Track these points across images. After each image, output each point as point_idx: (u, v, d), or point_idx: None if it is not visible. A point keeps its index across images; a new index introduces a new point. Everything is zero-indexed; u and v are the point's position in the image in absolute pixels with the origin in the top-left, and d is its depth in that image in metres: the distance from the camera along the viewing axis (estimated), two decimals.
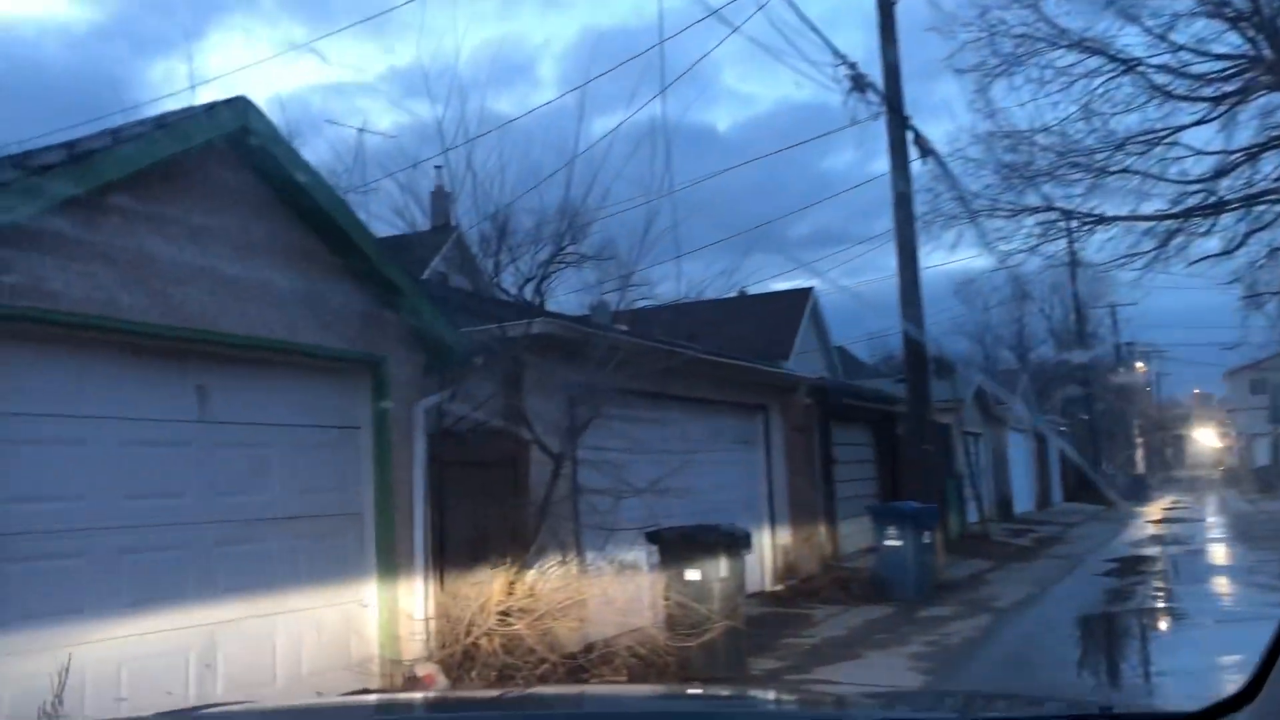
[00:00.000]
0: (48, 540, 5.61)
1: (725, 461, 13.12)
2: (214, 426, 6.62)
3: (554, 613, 7.41)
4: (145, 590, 6.05)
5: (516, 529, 8.33)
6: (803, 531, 14.56)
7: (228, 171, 6.68)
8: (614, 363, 8.66)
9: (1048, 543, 21.83)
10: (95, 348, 5.94)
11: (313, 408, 7.38)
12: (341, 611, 7.35)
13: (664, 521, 9.36)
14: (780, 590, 13.35)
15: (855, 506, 17.00)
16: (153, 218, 6.14)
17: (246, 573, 6.70)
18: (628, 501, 9.05)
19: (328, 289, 7.34)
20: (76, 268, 5.70)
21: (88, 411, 5.90)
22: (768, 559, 13.68)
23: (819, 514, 15.28)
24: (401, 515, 7.79)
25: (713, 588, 8.40)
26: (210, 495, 6.56)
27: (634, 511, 9.32)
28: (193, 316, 6.34)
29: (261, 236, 6.88)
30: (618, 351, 8.76)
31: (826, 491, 15.57)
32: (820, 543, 15.11)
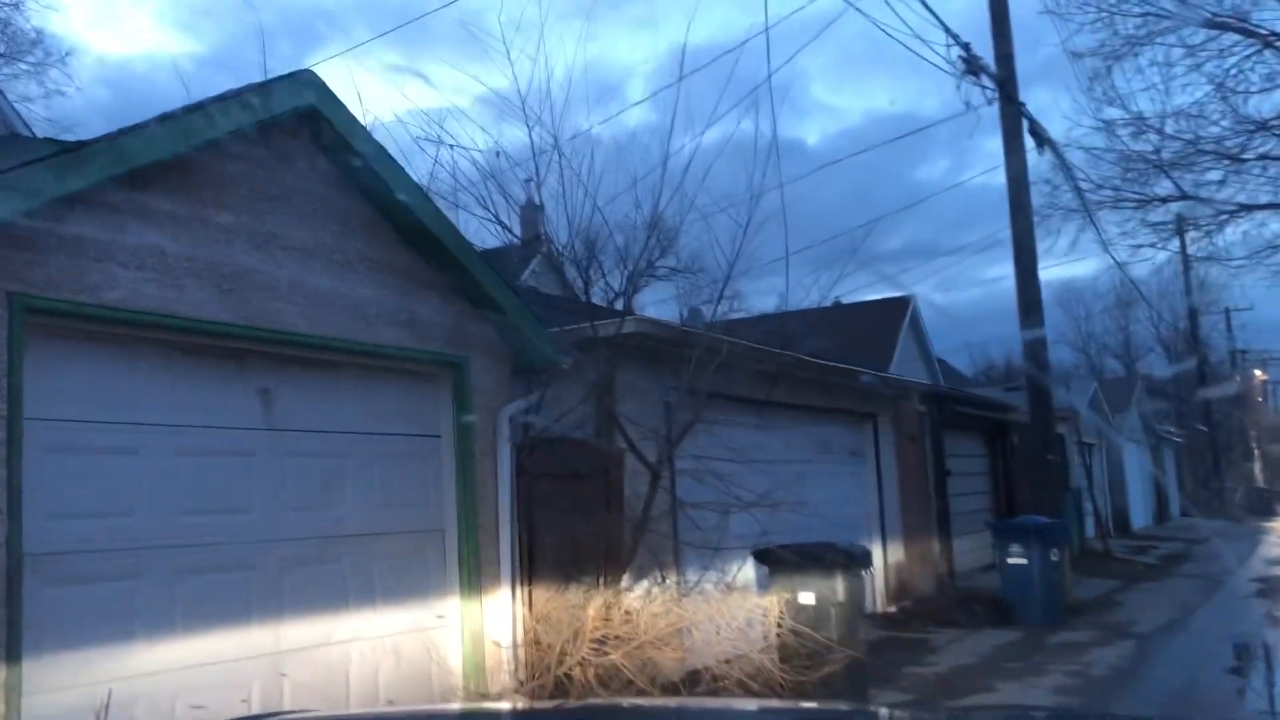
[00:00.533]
0: (94, 560, 5.04)
1: (832, 473, 12.24)
2: (281, 435, 6.02)
3: (655, 641, 6.64)
4: (204, 616, 5.45)
5: (611, 547, 7.60)
6: (916, 548, 13.57)
7: (292, 153, 6.09)
8: (714, 365, 7.89)
9: (1175, 560, 20.37)
10: (146, 347, 5.37)
11: (389, 414, 6.75)
12: (421, 638, 6.69)
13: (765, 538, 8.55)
14: (894, 612, 12.40)
15: (970, 522, 15.95)
16: (207, 203, 5.56)
17: (317, 596, 6.08)
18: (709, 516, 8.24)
19: (403, 283, 6.71)
20: (122, 257, 5.14)
21: (139, 418, 5.33)
22: (879, 578, 12.72)
23: (932, 529, 14.27)
24: (486, 532, 7.12)
25: (829, 612, 7.56)
26: (277, 510, 5.95)
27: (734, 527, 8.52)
28: (254, 312, 5.75)
29: (330, 226, 6.27)
30: (718, 353, 7.98)
31: (940, 505, 14.54)
32: (934, 560, 14.09)
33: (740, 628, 6.94)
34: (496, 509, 7.20)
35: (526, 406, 7.56)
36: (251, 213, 5.80)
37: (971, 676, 8.82)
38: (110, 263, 5.08)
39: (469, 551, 6.98)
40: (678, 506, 8.11)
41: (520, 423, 7.57)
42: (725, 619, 6.81)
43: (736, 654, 7.05)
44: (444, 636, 6.86)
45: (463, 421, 7.07)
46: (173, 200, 5.38)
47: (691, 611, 6.83)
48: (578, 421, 8.12)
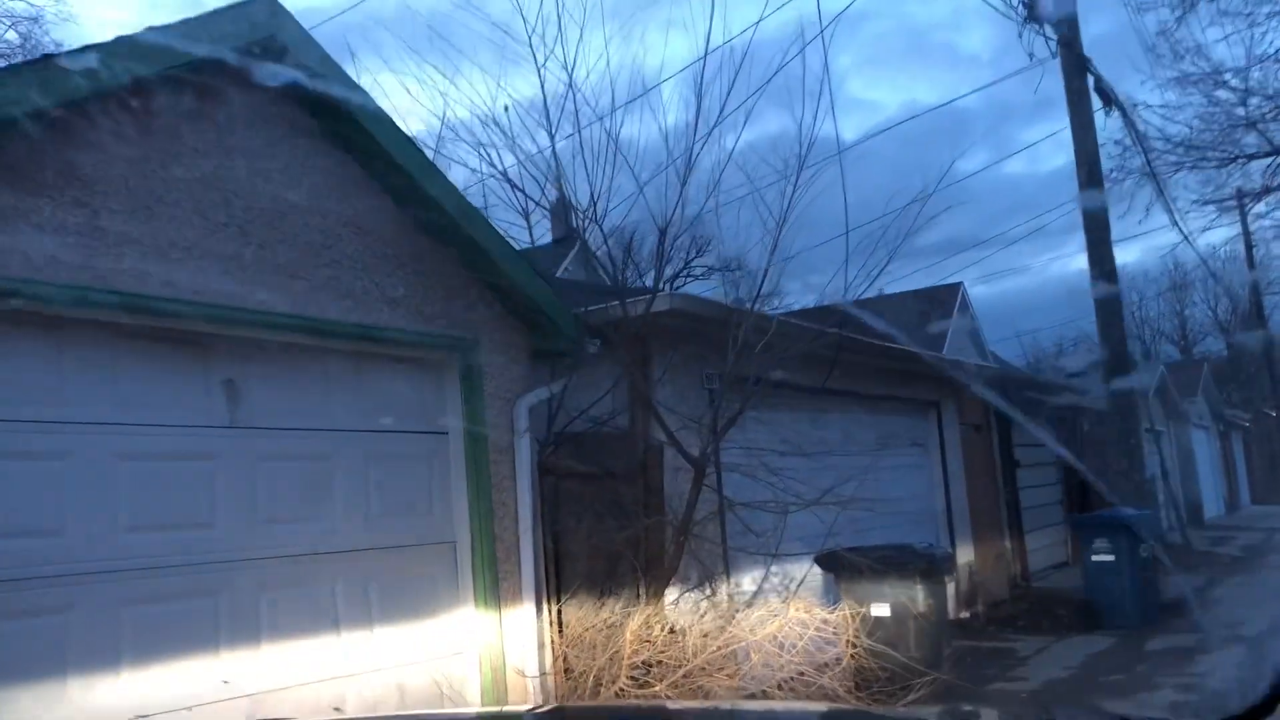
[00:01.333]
0: (12, 592, 4.06)
1: (893, 467, 11.10)
2: (251, 434, 5.03)
3: (705, 666, 5.58)
4: (156, 654, 4.46)
5: (651, 555, 6.55)
6: (986, 547, 12.40)
7: (260, 97, 5.10)
8: (761, 346, 6.81)
9: (1260, 552, 18.98)
10: (75, 330, 4.39)
11: (384, 408, 5.75)
12: (430, 671, 5.67)
13: (822, 541, 7.49)
14: (966, 618, 11.23)
15: (1039, 516, 14.75)
16: (153, 151, 4.59)
17: (300, 626, 5.08)
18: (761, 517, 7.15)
19: (397, 253, 5.72)
20: (38, 215, 4.17)
21: (68, 416, 4.35)
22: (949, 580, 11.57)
23: (1002, 525, 13.09)
24: (505, 543, 6.10)
25: (908, 626, 6.49)
26: (248, 524, 4.96)
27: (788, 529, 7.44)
28: (213, 287, 4.76)
29: (306, 184, 5.28)
30: (765, 332, 6.89)
31: (1010, 499, 13.36)
32: (1007, 559, 12.91)
33: (805, 648, 5.86)
34: (516, 515, 6.18)
35: (548, 396, 6.54)
36: (209, 165, 4.82)
37: (1070, 693, 7.67)
38: (21, 222, 4.11)
39: (485, 566, 5.96)
40: (726, 506, 7.04)
41: (542, 414, 6.55)
42: (787, 638, 5.74)
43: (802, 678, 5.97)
44: (458, 668, 5.84)
45: (473, 412, 6.06)
46: (104, 147, 4.41)
47: (748, 630, 5.76)
48: (608, 412, 7.08)
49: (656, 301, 6.66)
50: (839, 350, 7.86)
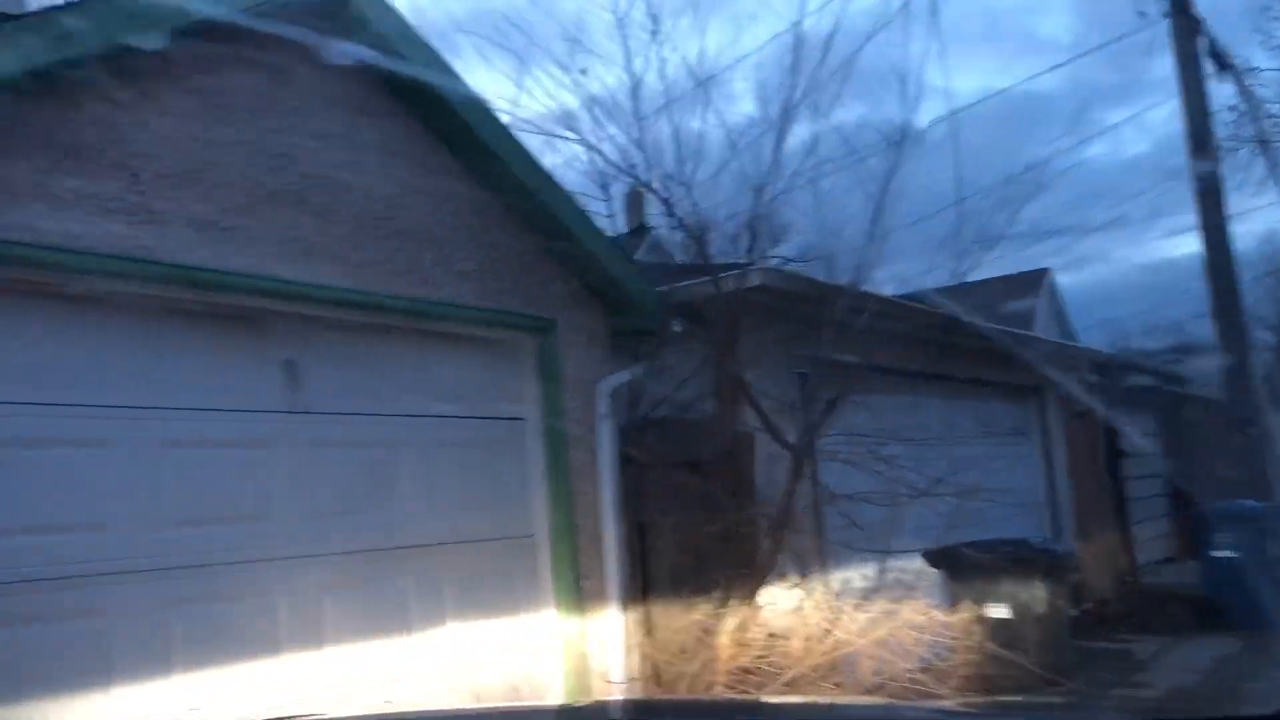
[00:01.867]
0: (48, 591, 3.68)
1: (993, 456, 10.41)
2: (311, 419, 4.61)
3: (809, 674, 5.05)
4: (204, 660, 4.06)
5: (744, 551, 6.02)
6: (1092, 541, 11.61)
7: (319, 52, 4.67)
8: (859, 327, 6.23)
9: None
10: (119, 307, 4.00)
11: (456, 392, 5.31)
12: (507, 675, 5.21)
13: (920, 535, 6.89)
14: (1075, 616, 10.48)
15: (1146, 508, 13.90)
16: (200, 109, 4.19)
17: (365, 628, 4.66)
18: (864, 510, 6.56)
19: (470, 225, 5.27)
20: (74, 180, 3.78)
21: (111, 399, 3.97)
22: None
23: (1108, 518, 12.28)
24: (587, 537, 5.63)
25: (1029, 629, 5.87)
26: (308, 517, 4.54)
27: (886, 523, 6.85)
28: (269, 259, 4.35)
29: (370, 149, 4.86)
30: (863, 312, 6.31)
31: (1115, 491, 12.55)
32: (1114, 554, 12.11)
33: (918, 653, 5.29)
34: (598, 507, 5.70)
35: (630, 379, 6.05)
36: (260, 128, 4.41)
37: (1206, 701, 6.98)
38: (55, 187, 3.72)
39: (565, 562, 5.50)
40: (824, 498, 6.48)
41: (623, 399, 6.06)
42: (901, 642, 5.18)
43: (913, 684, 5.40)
44: (539, 672, 5.39)
45: (552, 399, 5.60)
46: (146, 107, 4.01)
47: (856, 633, 5.21)
48: (693, 397, 6.56)
49: (748, 277, 6.12)
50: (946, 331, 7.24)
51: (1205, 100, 12.23)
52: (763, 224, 6.14)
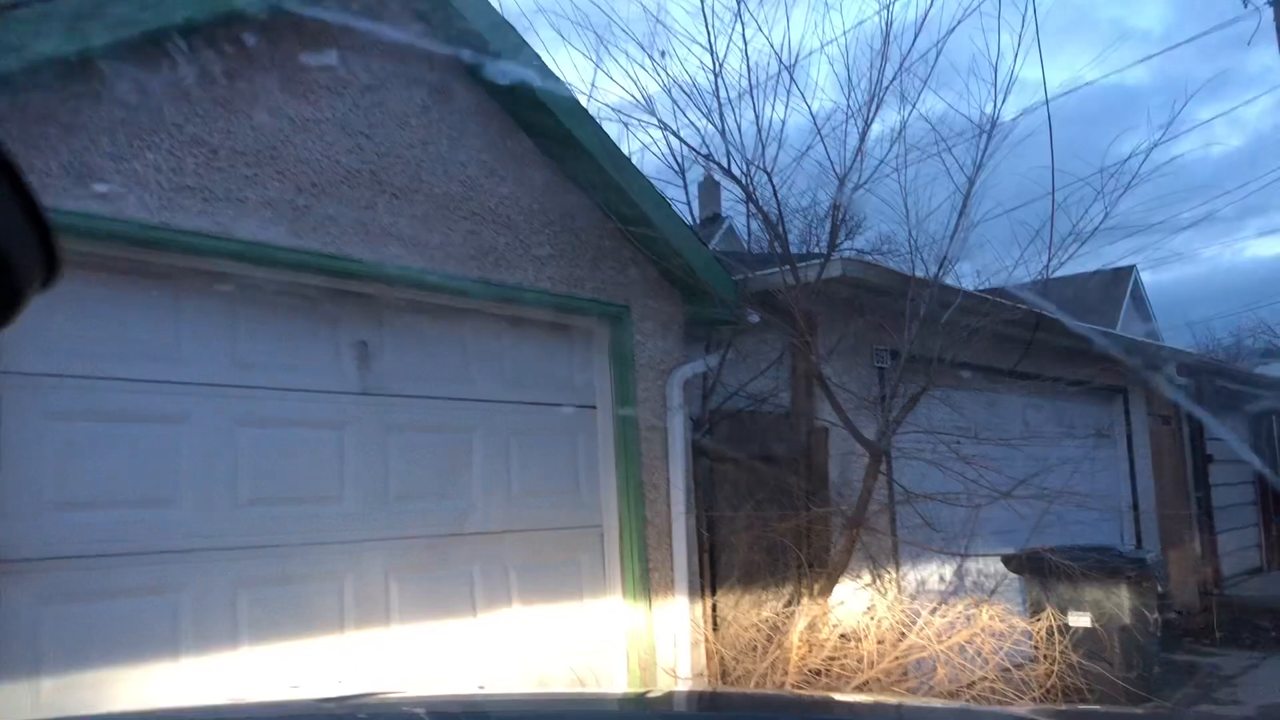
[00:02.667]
0: (117, 567, 3.68)
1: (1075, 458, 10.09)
2: (383, 401, 4.57)
3: (881, 678, 4.89)
4: (274, 641, 4.05)
5: (816, 549, 5.88)
6: (1175, 549, 11.24)
7: (395, 30, 4.63)
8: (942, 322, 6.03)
9: None
10: (195, 282, 3.99)
11: (527, 378, 5.24)
12: (572, 666, 5.14)
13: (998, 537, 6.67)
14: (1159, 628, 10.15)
15: (1232, 517, 13.42)
16: (277, 86, 4.16)
17: (432, 613, 4.62)
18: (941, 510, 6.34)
19: (543, 208, 5.19)
20: (153, 155, 3.77)
21: (186, 376, 3.96)
22: None
23: (1192, 526, 11.87)
24: (656, 529, 5.53)
25: (1112, 638, 5.64)
26: (379, 500, 4.51)
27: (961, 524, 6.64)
28: (345, 240, 4.31)
29: (445, 129, 4.80)
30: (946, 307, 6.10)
31: (1201, 498, 12.12)
32: (1197, 563, 11.70)
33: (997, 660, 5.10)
34: (669, 500, 5.60)
35: (704, 370, 5.94)
36: (337, 105, 4.36)
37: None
38: (135, 161, 3.71)
39: (634, 554, 5.40)
40: (900, 497, 6.29)
41: (696, 390, 5.95)
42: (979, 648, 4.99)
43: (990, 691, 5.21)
44: (603, 664, 5.31)
45: (624, 388, 5.50)
46: (224, 82, 3.99)
47: (931, 637, 5.04)
48: (768, 390, 6.42)
49: (828, 267, 5.96)
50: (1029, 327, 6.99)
51: None
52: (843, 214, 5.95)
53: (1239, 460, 14.25)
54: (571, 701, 2.87)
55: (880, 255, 13.92)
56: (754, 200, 5.57)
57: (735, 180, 5.53)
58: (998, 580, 6.52)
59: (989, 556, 6.46)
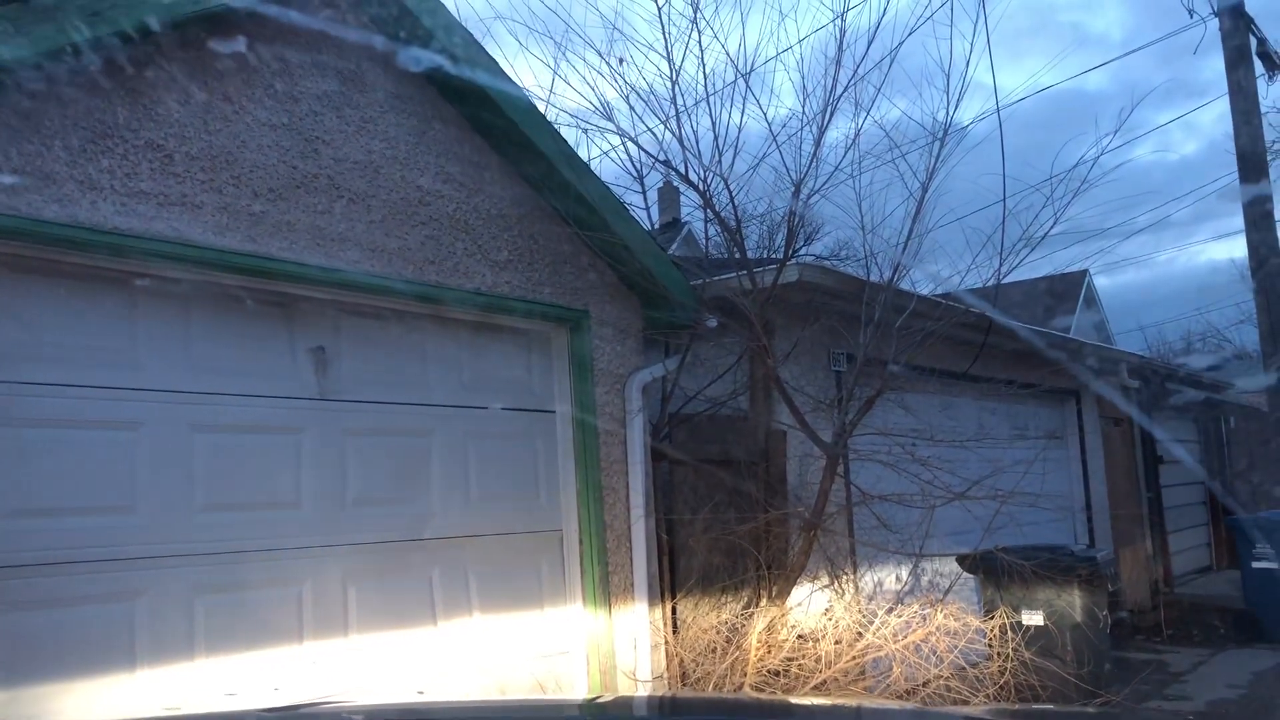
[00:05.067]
0: (76, 574, 3.65)
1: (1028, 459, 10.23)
2: (341, 407, 4.57)
3: (839, 678, 4.95)
4: (231, 649, 4.03)
5: (774, 551, 5.93)
6: (1127, 549, 11.44)
7: (351, 35, 4.63)
8: (898, 326, 6.10)
9: None
10: (150, 288, 3.96)
11: (486, 383, 5.24)
12: (533, 671, 5.15)
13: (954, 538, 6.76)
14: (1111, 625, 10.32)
15: (1182, 517, 13.68)
16: (234, 91, 4.14)
17: (391, 620, 4.61)
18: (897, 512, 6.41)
19: (501, 212, 5.20)
20: (108, 159, 3.74)
21: (141, 382, 3.93)
22: None
23: (1144, 526, 12.09)
24: (615, 534, 5.55)
25: (1065, 636, 5.75)
26: (337, 506, 4.50)
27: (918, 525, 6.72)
28: (301, 244, 4.30)
29: (403, 134, 4.80)
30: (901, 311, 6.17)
31: (1152, 498, 12.34)
32: (1149, 563, 11.92)
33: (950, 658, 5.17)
34: (628, 503, 5.63)
35: (663, 374, 5.98)
36: (293, 111, 4.36)
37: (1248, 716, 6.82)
38: (90, 167, 3.69)
39: (594, 558, 5.42)
40: (857, 499, 6.36)
41: (655, 394, 5.98)
42: (934, 647, 5.06)
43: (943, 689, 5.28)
44: (564, 670, 5.32)
45: (583, 392, 5.52)
46: (181, 85, 3.97)
47: (887, 637, 5.10)
48: (726, 394, 6.48)
49: (785, 272, 6.02)
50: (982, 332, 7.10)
51: (1256, 102, 11.98)
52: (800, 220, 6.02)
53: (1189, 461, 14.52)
54: (513, 709, 2.89)
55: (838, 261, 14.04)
56: (711, 206, 5.62)
57: (693, 186, 5.58)
58: (953, 580, 6.61)
59: (944, 557, 6.54)
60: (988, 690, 5.04)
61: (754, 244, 8.86)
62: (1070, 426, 11.06)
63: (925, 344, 6.39)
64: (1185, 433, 14.43)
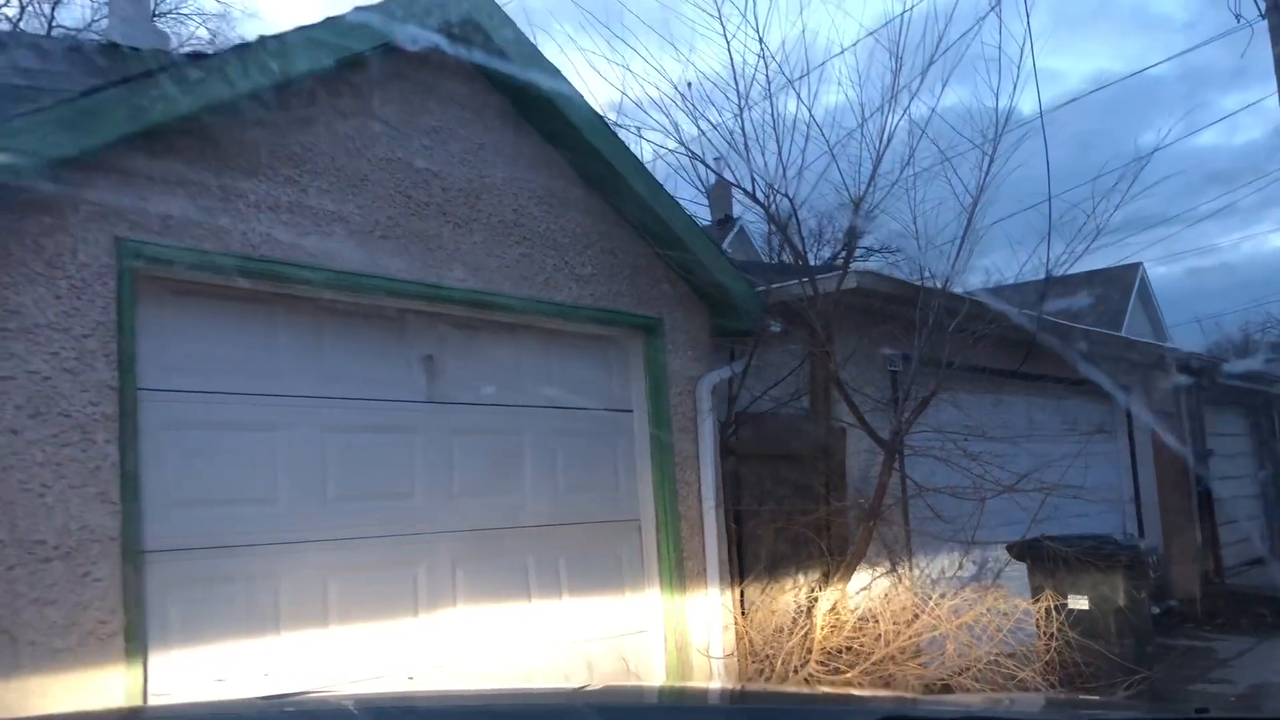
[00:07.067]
0: (228, 558, 4.22)
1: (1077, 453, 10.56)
2: (447, 409, 5.11)
3: (896, 655, 5.42)
4: (361, 624, 4.59)
5: (836, 539, 6.40)
6: (1176, 539, 11.73)
7: (453, 77, 5.16)
8: (952, 328, 6.53)
9: None
10: (286, 306, 4.53)
11: (571, 385, 5.77)
12: (616, 647, 5.68)
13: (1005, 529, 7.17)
14: (1157, 613, 10.63)
15: (1236, 508, 13.88)
16: (355, 132, 4.69)
17: (494, 599, 5.16)
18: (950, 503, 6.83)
19: (584, 232, 5.72)
20: (254, 195, 4.31)
21: (279, 389, 4.50)
22: None
23: (1193, 517, 12.36)
24: (688, 523, 6.05)
25: (1108, 620, 6.15)
26: (444, 497, 5.05)
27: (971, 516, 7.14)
28: (415, 265, 4.85)
29: (499, 164, 5.33)
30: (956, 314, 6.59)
31: (1202, 491, 12.59)
32: (1198, 553, 12.18)
33: (1003, 639, 5.61)
34: (699, 495, 6.12)
35: (730, 375, 6.45)
36: (407, 146, 4.90)
37: None
38: (240, 202, 4.26)
39: (669, 545, 5.93)
40: (912, 491, 6.81)
41: (722, 395, 6.47)
42: (985, 627, 5.51)
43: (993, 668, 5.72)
44: (643, 645, 5.84)
45: (657, 392, 6.02)
46: (314, 127, 4.53)
47: (942, 618, 5.56)
48: (789, 394, 6.95)
49: (844, 279, 6.47)
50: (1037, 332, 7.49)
51: None
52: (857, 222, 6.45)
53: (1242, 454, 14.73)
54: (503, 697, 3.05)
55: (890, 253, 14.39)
56: (778, 224, 6.09)
57: (760, 204, 6.05)
58: (1003, 565, 7.03)
59: (994, 545, 6.95)
60: (1034, 667, 5.48)
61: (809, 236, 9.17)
62: (1119, 420, 11.37)
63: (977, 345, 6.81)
64: (1236, 426, 14.62)
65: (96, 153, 3.80)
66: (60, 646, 3.58)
